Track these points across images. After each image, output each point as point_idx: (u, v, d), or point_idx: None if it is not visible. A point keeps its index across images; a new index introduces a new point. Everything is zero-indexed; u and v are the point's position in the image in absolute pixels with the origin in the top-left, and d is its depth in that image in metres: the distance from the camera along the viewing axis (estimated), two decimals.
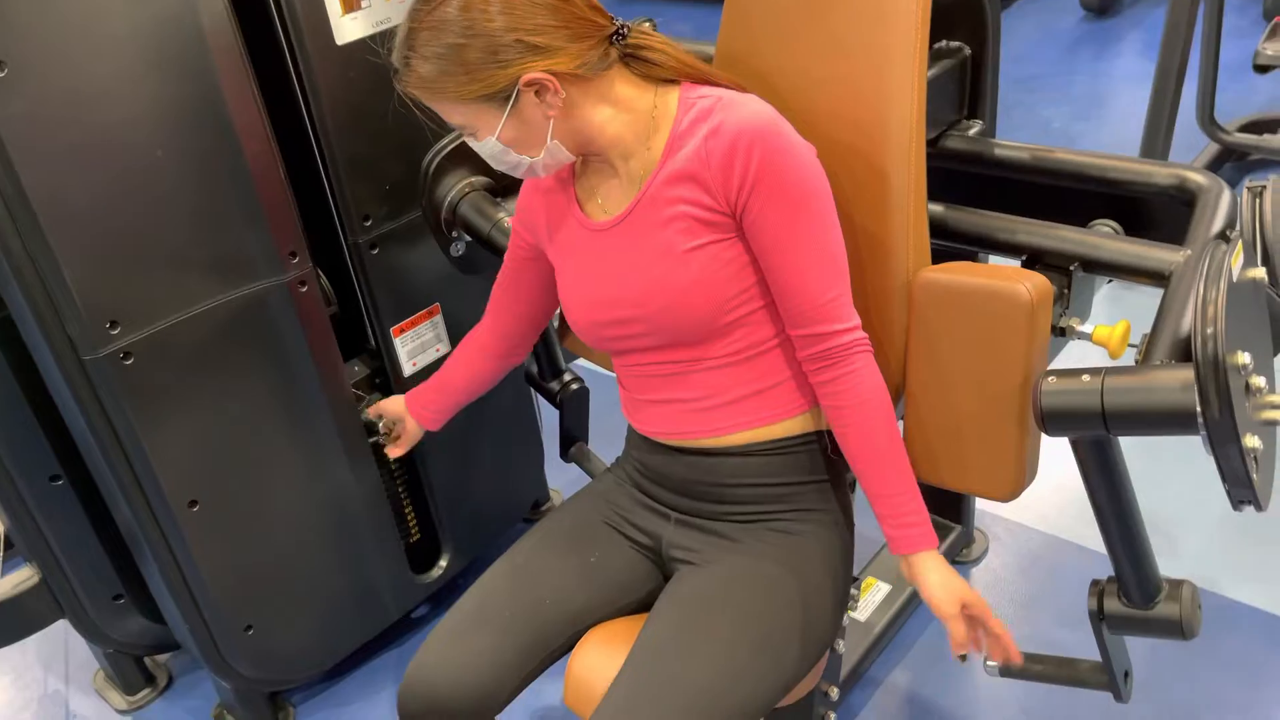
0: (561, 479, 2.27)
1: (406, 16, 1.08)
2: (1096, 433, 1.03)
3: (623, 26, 1.12)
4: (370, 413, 1.64)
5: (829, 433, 1.22)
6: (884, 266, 1.21)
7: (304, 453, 1.62)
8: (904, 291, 1.20)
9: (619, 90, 1.13)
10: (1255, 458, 0.94)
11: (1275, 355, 1.27)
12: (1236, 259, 0.97)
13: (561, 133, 1.12)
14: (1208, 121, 2.82)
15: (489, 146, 1.13)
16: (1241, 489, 0.94)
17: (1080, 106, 3.79)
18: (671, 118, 1.14)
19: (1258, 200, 1.15)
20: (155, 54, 1.28)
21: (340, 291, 1.65)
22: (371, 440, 1.68)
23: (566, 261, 1.24)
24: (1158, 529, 2.01)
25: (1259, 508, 0.98)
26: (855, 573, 1.31)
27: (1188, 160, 3.07)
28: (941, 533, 1.97)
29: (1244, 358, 0.93)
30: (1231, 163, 3.13)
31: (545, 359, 1.81)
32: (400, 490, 1.88)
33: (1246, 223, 1.13)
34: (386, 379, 1.74)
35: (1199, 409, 0.93)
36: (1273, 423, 0.99)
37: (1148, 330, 1.12)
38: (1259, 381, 0.96)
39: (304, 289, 1.51)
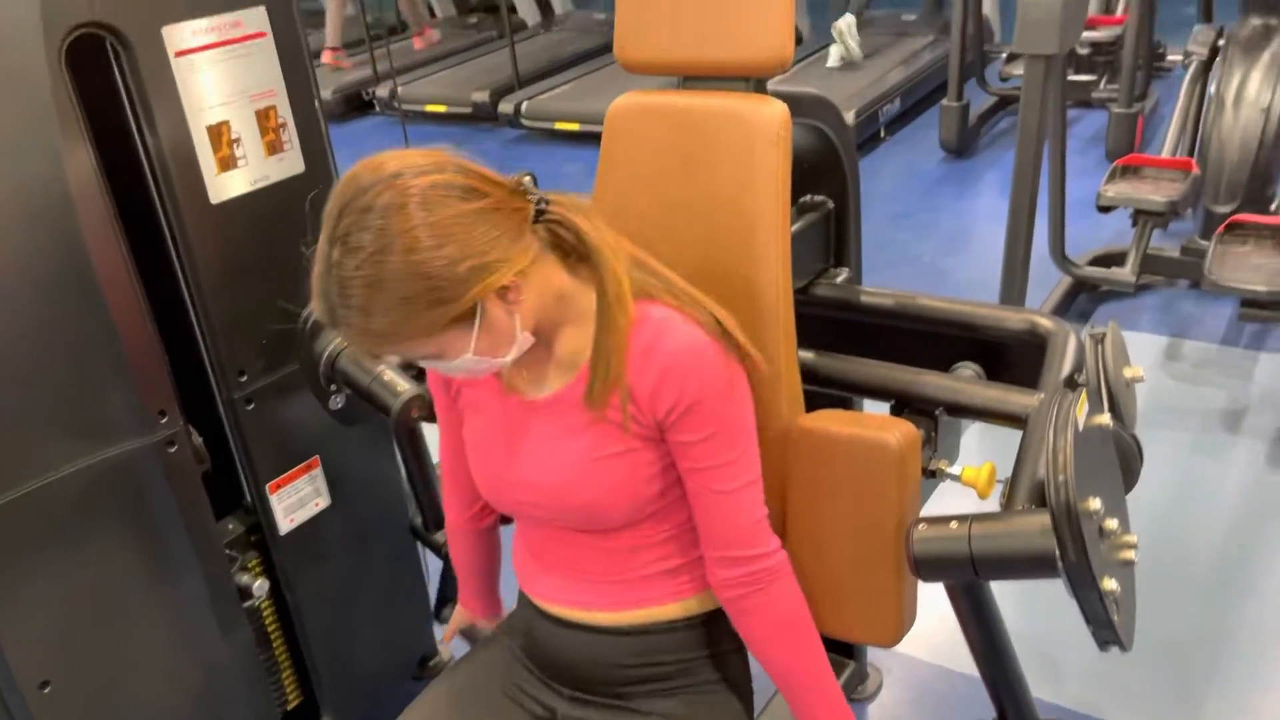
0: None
1: (329, 266, 0.96)
2: (968, 578, 1.06)
3: (540, 200, 1.07)
4: (445, 644, 1.58)
5: None
6: (760, 417, 1.24)
7: (172, 621, 1.53)
8: (781, 441, 1.22)
9: (555, 272, 1.09)
10: (1115, 600, 0.98)
11: (1128, 493, 1.33)
12: (1081, 408, 1.03)
13: (526, 322, 1.06)
14: (1059, 257, 3.01)
15: (464, 363, 1.04)
16: (1104, 630, 0.97)
17: (947, 242, 4.02)
18: None
19: (1099, 346, 1.22)
20: (18, 211, 1.25)
21: (214, 444, 1.60)
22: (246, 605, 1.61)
23: (479, 425, 1.20)
24: (1043, 654, 2.05)
25: (1123, 648, 1.02)
26: (754, 717, 1.29)
27: (1046, 292, 3.27)
28: (835, 669, 1.96)
29: (1095, 503, 0.98)
30: (1085, 293, 3.35)
31: (429, 510, 1.78)
32: (277, 652, 1.79)
33: (1091, 368, 1.21)
34: (263, 536, 1.67)
35: (1057, 554, 0.96)
36: (1129, 563, 1.04)
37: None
38: (1112, 524, 1.01)
39: (173, 449, 1.46)
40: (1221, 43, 3.18)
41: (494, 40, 6.83)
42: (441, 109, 5.90)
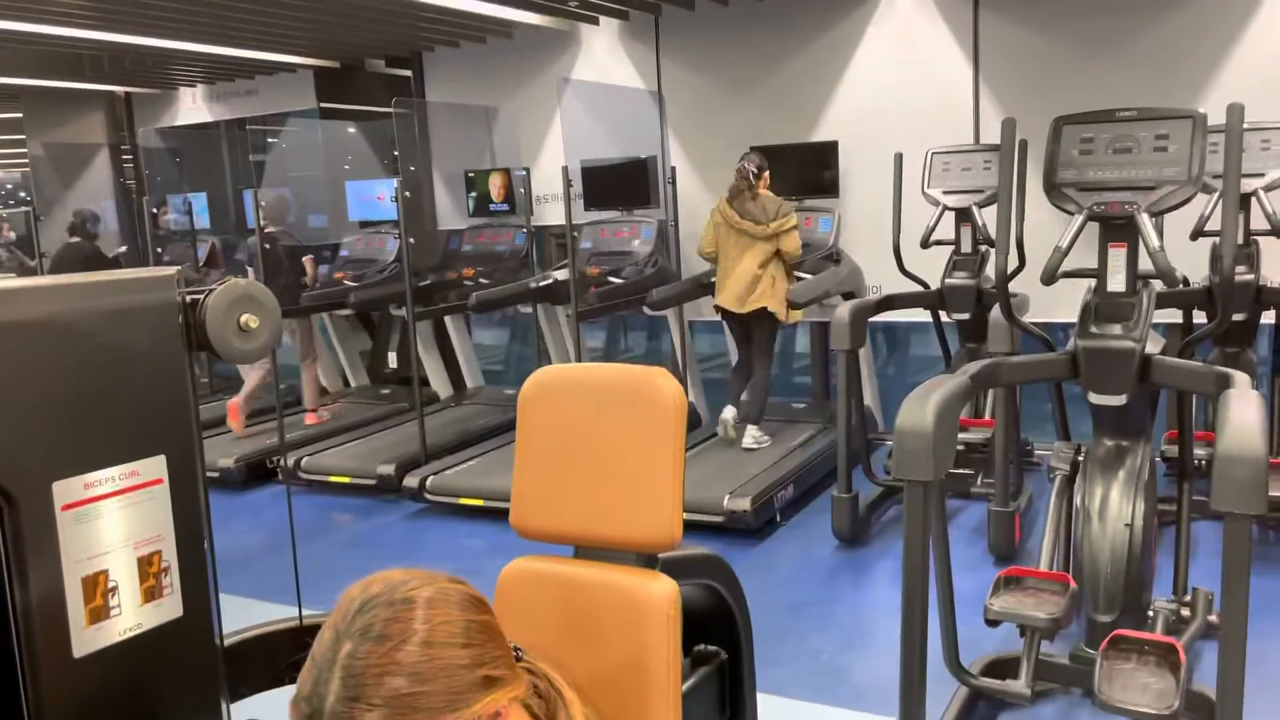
0: None
1: (340, 655, 0.96)
2: None
3: (514, 646, 1.09)
4: None
5: None
6: None
7: None
8: None
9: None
10: None
11: None
12: None
13: None
14: (955, 667, 3.02)
15: None
16: None
17: (844, 636, 4.02)
18: None
19: None
20: None
21: None
22: None
23: None
24: None
25: None
26: None
27: (946, 695, 3.24)
28: None
29: None
30: (984, 700, 3.33)
31: None
32: None
33: None
34: None
35: None
36: None
37: None
38: None
39: None
40: (1081, 458, 3.44)
41: (406, 411, 7.02)
42: (345, 479, 5.92)
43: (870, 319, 4.91)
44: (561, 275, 6.12)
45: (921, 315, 5.52)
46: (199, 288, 1.55)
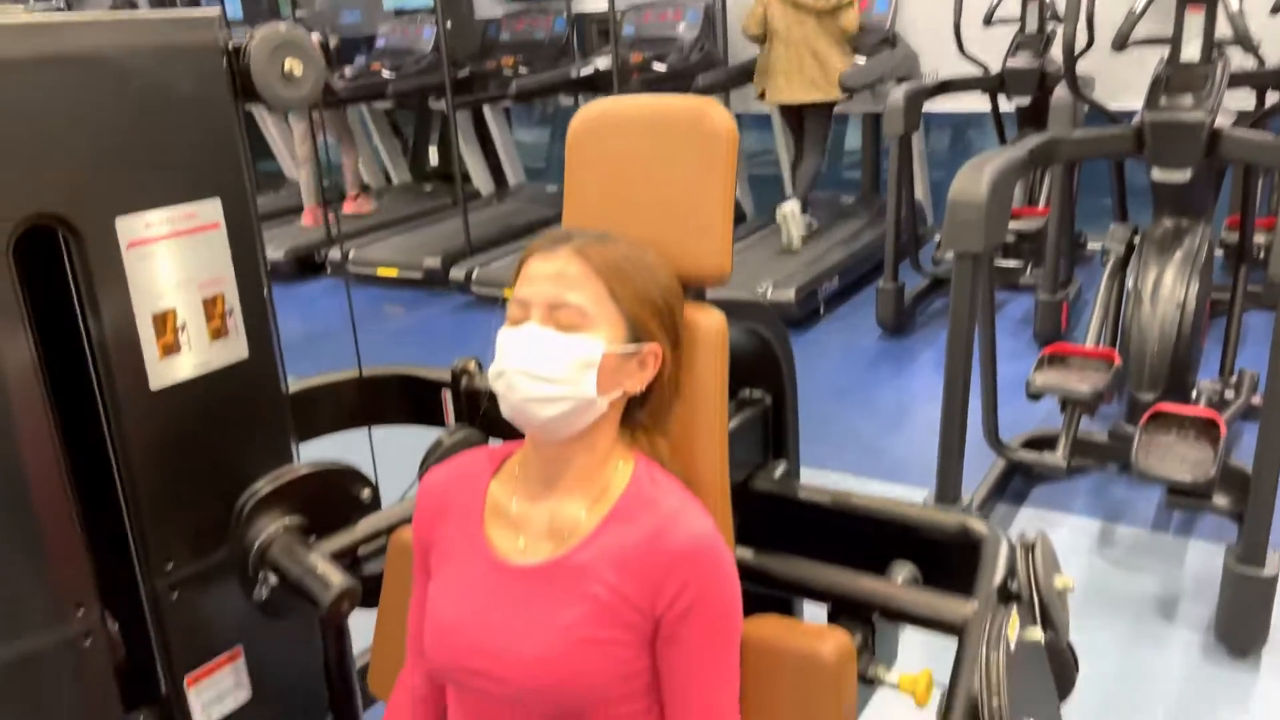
0: None
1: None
2: None
3: None
4: None
5: None
6: None
7: None
8: None
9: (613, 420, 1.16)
10: None
11: (1063, 701, 1.33)
12: (1014, 627, 1.04)
13: (605, 413, 1.12)
14: (993, 440, 3.09)
15: (580, 347, 1.08)
16: None
17: (885, 420, 4.10)
18: (622, 488, 1.12)
19: (1030, 555, 1.24)
20: None
21: (128, 631, 1.53)
22: None
23: (451, 576, 1.16)
24: None
25: None
26: None
27: (982, 470, 3.33)
28: None
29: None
30: (1020, 475, 3.41)
31: (344, 712, 1.70)
32: None
33: (1022, 578, 1.22)
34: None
35: None
36: None
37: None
38: None
39: (88, 642, 1.40)
40: (1137, 240, 3.38)
41: (448, 207, 7.02)
42: (393, 273, 5.99)
43: (925, 108, 4.73)
44: (603, 64, 5.92)
45: (978, 105, 5.31)
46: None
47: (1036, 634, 1.10)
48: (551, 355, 1.09)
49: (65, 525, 1.36)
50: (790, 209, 5.53)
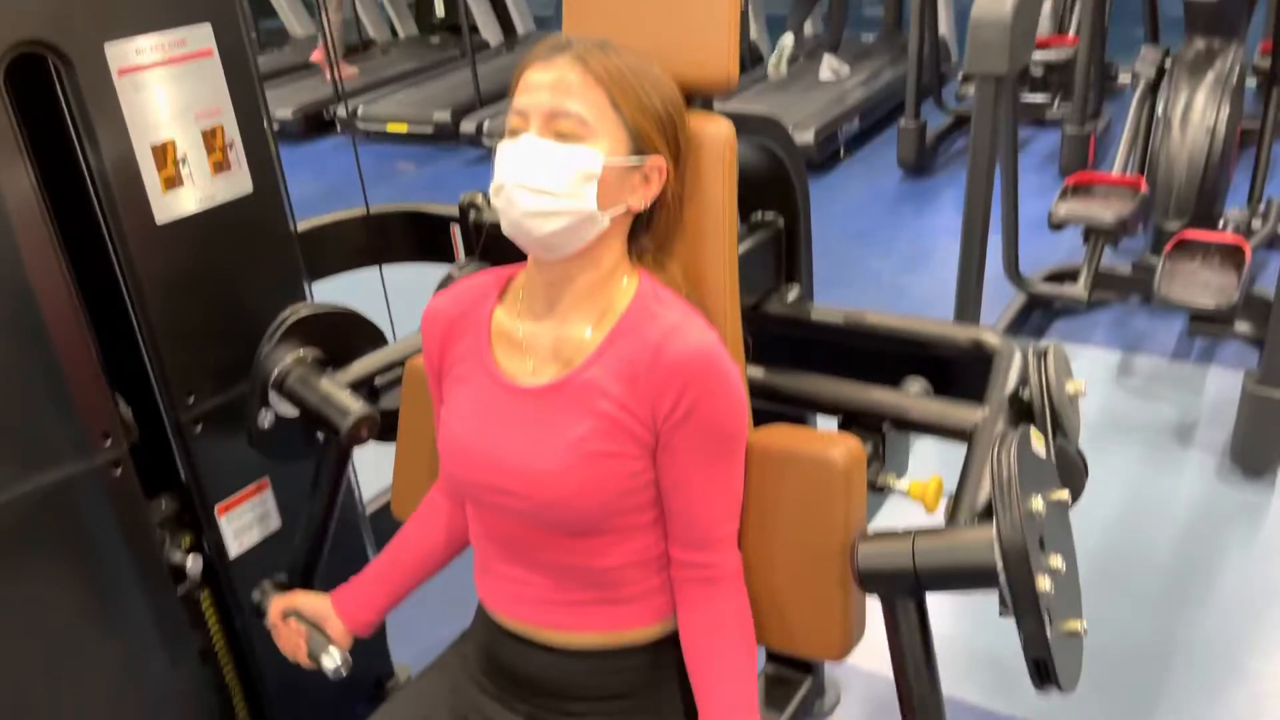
0: (408, 652, 2.17)
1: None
2: (912, 591, 1.07)
3: None
4: (272, 616, 1.42)
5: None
6: None
7: (117, 650, 1.50)
8: None
9: (617, 237, 1.14)
10: (1049, 609, 0.98)
11: (1073, 505, 1.35)
12: (1034, 436, 1.04)
13: (605, 230, 1.11)
14: (1013, 273, 3.05)
15: (580, 158, 1.05)
16: (1037, 647, 0.97)
17: (906, 259, 4.06)
18: (625, 305, 1.12)
19: (1042, 362, 1.24)
20: None
21: (161, 467, 1.57)
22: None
23: (464, 398, 1.18)
24: (999, 664, 2.07)
25: (1060, 687, 1.01)
26: None
27: (1002, 308, 3.32)
28: (792, 687, 1.97)
29: (1038, 502, 0.99)
30: (1039, 310, 3.39)
31: (312, 556, 1.72)
32: (228, 678, 1.76)
33: (1034, 385, 1.22)
34: (195, 515, 1.62)
35: (999, 564, 0.97)
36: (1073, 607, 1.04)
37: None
38: (1056, 561, 1.01)
39: (117, 472, 1.44)
40: (1168, 63, 3.24)
41: (456, 60, 6.83)
42: (403, 128, 5.89)
43: None
44: None
45: None
46: None
47: (1041, 442, 1.10)
48: (550, 167, 1.06)
49: (83, 354, 1.37)
50: (787, 42, 5.43)
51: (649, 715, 1.20)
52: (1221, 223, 3.25)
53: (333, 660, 1.34)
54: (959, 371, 1.48)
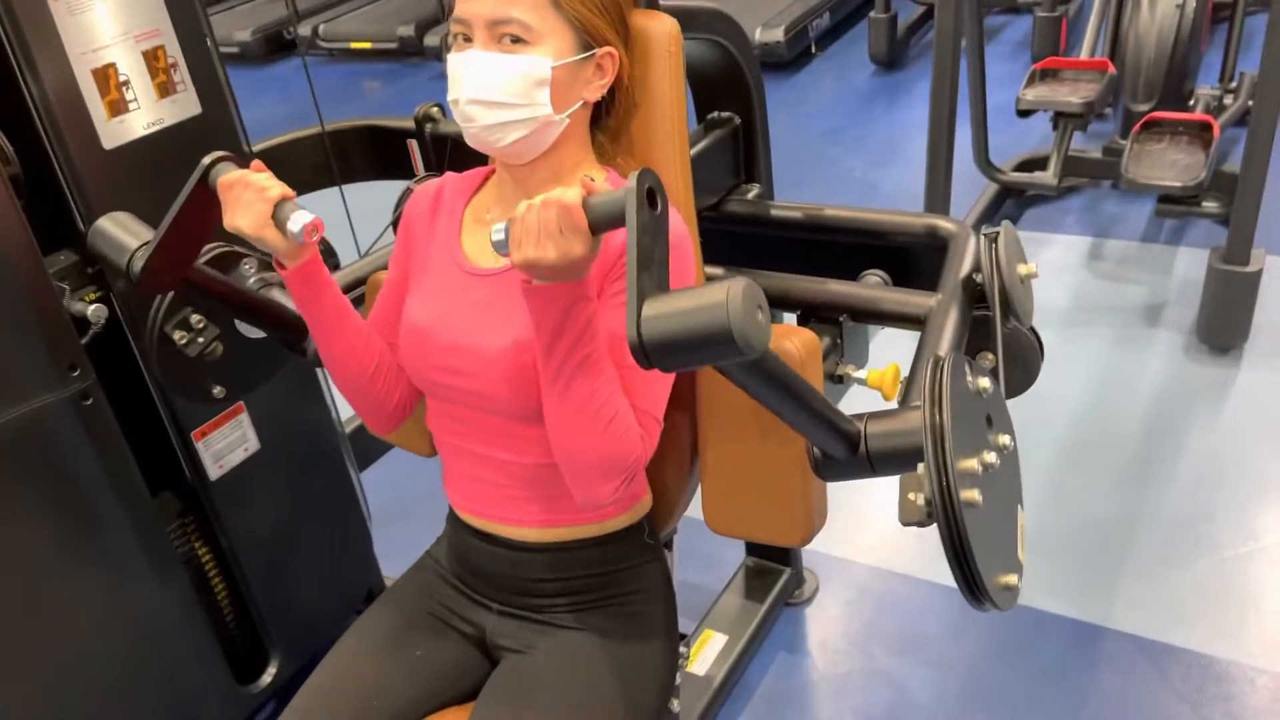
0: (398, 564, 2.23)
1: None
2: (865, 476, 1.09)
3: None
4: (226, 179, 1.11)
5: (647, 518, 1.26)
6: None
7: (101, 578, 1.53)
8: None
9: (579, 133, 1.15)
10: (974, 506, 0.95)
11: (1026, 389, 1.38)
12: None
13: (569, 127, 1.12)
14: (984, 163, 3.04)
15: (528, 66, 1.05)
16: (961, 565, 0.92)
17: (878, 155, 4.04)
18: None
19: (993, 245, 1.25)
20: None
21: (135, 400, 1.59)
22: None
23: (425, 294, 1.20)
24: None
25: (979, 603, 0.96)
26: (693, 626, 1.32)
27: (973, 199, 3.31)
28: (772, 577, 2.03)
29: (984, 381, 1.01)
30: (1011, 199, 3.39)
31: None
32: (219, 598, 1.80)
33: (985, 267, 1.24)
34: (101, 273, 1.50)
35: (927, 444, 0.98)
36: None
37: None
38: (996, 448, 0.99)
39: (88, 402, 1.45)
40: None
41: None
42: (366, 45, 5.76)
43: None
44: None
45: None
46: None
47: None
48: (500, 79, 1.06)
49: (44, 288, 1.37)
50: None
51: (618, 595, 1.24)
52: (1192, 102, 3.23)
53: (304, 216, 1.07)
54: (919, 262, 1.50)
